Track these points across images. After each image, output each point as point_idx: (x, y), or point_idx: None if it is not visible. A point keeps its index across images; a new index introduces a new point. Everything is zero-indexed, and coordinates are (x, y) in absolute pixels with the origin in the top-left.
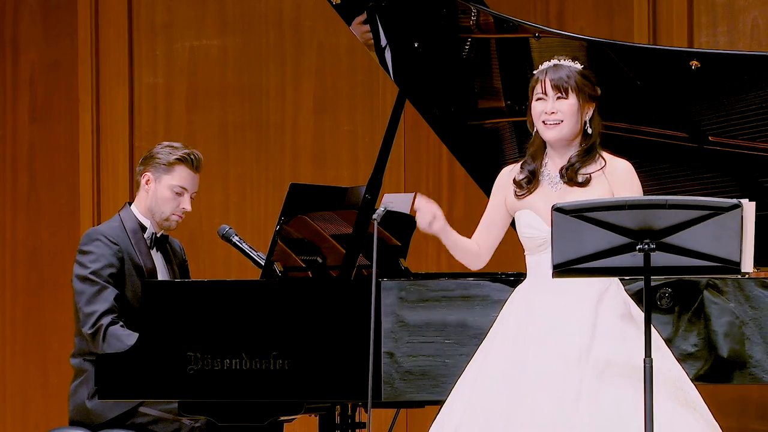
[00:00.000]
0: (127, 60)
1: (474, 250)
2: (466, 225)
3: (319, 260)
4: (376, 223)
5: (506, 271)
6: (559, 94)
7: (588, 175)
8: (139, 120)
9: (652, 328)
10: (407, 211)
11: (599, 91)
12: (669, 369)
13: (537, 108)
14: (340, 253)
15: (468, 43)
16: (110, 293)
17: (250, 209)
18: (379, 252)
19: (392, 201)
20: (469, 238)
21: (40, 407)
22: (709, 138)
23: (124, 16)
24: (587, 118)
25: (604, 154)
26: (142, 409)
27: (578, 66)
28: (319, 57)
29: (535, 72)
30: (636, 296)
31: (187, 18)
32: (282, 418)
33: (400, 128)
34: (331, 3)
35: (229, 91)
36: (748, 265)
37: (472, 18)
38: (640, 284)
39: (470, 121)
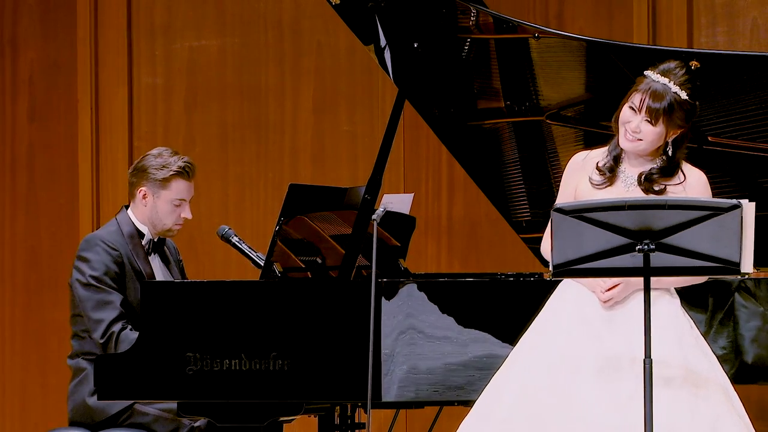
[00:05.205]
0: (127, 60)
1: None
2: (466, 225)
3: (319, 261)
4: (375, 223)
5: (506, 272)
6: (648, 119)
7: (664, 186)
8: (139, 120)
9: (701, 336)
10: (407, 211)
11: (691, 123)
12: (719, 376)
13: (625, 115)
14: (340, 254)
15: (467, 44)
16: (116, 298)
17: (250, 209)
18: (379, 252)
19: (392, 201)
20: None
21: (40, 407)
22: (708, 138)
23: (123, 16)
24: (670, 140)
25: (685, 167)
26: (138, 407)
27: (683, 96)
28: (319, 57)
29: (645, 74)
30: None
31: (186, 18)
32: (281, 418)
33: (399, 128)
34: (331, 3)
35: (229, 91)
36: (747, 266)
37: (472, 18)
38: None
39: (470, 122)
